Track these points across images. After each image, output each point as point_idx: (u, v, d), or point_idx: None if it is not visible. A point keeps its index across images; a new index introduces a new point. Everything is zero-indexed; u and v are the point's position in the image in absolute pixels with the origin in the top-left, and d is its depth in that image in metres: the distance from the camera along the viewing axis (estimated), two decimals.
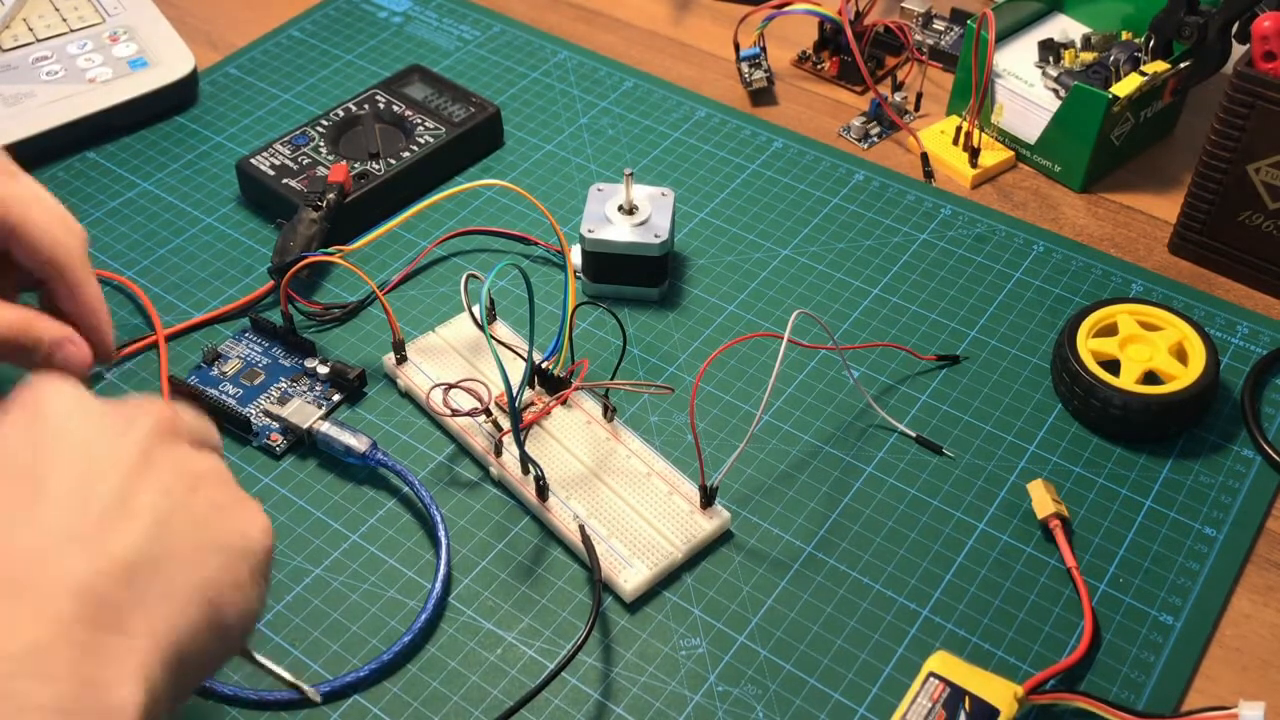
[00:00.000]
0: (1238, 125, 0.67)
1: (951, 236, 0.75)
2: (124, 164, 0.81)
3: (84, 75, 0.83)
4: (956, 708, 0.50)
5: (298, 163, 0.76)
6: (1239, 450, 0.63)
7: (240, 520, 0.42)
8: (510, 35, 0.92)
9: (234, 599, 0.40)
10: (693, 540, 0.58)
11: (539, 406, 0.63)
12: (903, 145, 0.82)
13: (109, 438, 0.41)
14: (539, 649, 0.55)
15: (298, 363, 0.67)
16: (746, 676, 0.54)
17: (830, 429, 0.64)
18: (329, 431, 0.62)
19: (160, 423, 0.42)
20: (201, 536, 0.40)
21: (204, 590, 0.39)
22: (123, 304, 0.71)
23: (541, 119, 0.84)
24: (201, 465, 0.42)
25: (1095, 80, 0.76)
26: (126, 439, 0.41)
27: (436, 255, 0.74)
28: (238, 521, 0.42)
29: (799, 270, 0.73)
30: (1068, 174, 0.78)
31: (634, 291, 0.71)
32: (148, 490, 0.40)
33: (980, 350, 0.68)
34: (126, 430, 0.41)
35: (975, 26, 0.76)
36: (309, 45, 0.91)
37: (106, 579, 0.37)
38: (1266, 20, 0.65)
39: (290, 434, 0.63)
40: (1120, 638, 0.55)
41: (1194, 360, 0.63)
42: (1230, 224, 0.71)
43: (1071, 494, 0.61)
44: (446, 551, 0.58)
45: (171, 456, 0.41)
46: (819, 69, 0.89)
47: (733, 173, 0.80)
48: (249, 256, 0.74)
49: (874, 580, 0.58)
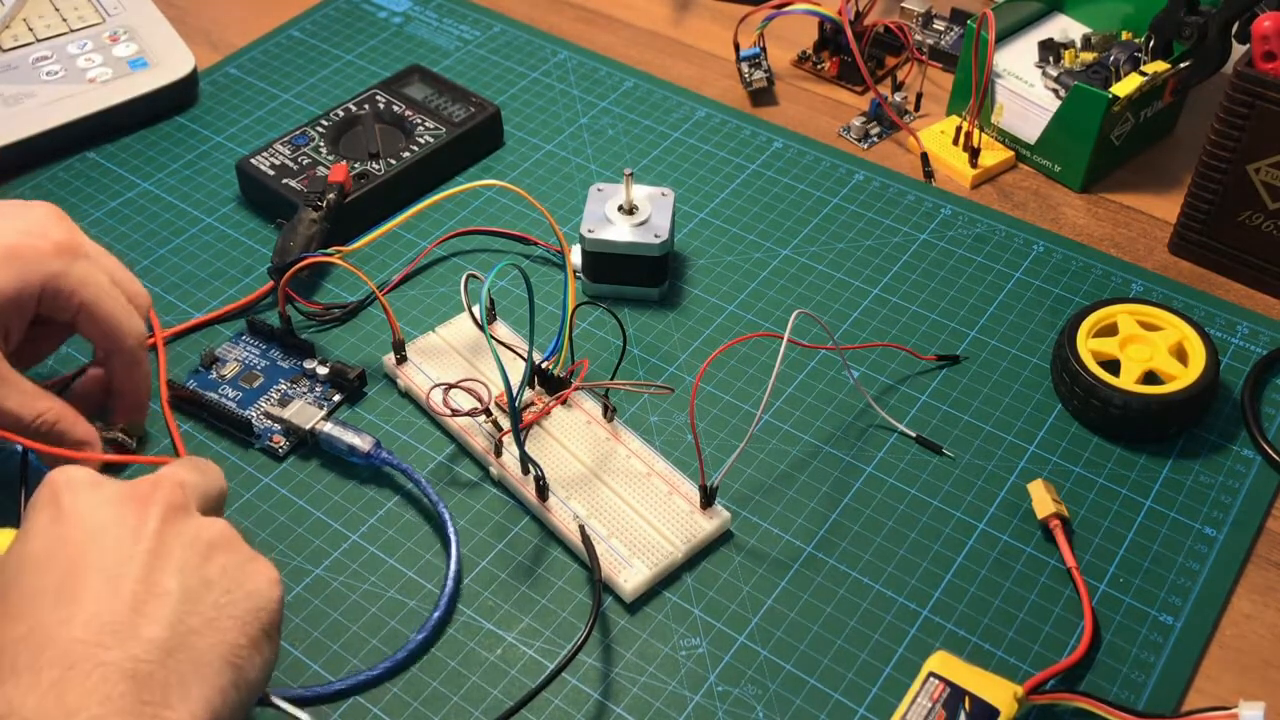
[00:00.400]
0: (1238, 125, 0.67)
1: (951, 236, 0.75)
2: (124, 164, 0.81)
3: (84, 75, 0.83)
4: (956, 708, 0.50)
5: (298, 163, 0.76)
6: (1239, 450, 0.63)
7: (251, 579, 0.46)
8: (510, 35, 0.92)
9: (253, 658, 0.44)
10: (693, 540, 0.58)
11: (539, 406, 0.63)
12: (903, 145, 0.82)
13: (128, 526, 0.44)
14: (539, 649, 0.55)
15: (296, 364, 0.67)
16: (746, 676, 0.54)
17: (830, 429, 0.64)
18: (332, 432, 0.62)
19: (171, 503, 0.46)
20: (219, 603, 0.44)
21: (227, 656, 0.43)
22: None
23: (541, 119, 0.84)
24: (211, 533, 0.46)
25: (1095, 80, 0.76)
26: (144, 526, 0.44)
27: (436, 255, 0.74)
28: (249, 581, 0.45)
29: (799, 270, 0.73)
30: (1068, 174, 0.78)
31: (634, 291, 0.71)
32: (168, 571, 0.43)
33: (980, 350, 0.68)
34: (142, 515, 0.45)
35: (975, 26, 0.76)
36: (309, 45, 0.91)
37: (147, 661, 0.40)
38: (1266, 20, 0.65)
39: (292, 435, 0.63)
40: (1120, 638, 0.55)
41: (1194, 360, 0.63)
42: (1230, 224, 0.71)
43: (1071, 494, 0.61)
44: (456, 549, 0.58)
45: (184, 534, 0.45)
46: (819, 69, 0.89)
47: (733, 173, 0.80)
48: (249, 256, 0.74)
49: (874, 580, 0.58)
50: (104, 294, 0.58)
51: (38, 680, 0.39)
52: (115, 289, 0.59)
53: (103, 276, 0.58)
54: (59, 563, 0.43)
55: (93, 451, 0.58)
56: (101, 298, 0.57)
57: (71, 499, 0.45)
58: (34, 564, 0.43)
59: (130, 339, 0.59)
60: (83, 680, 0.39)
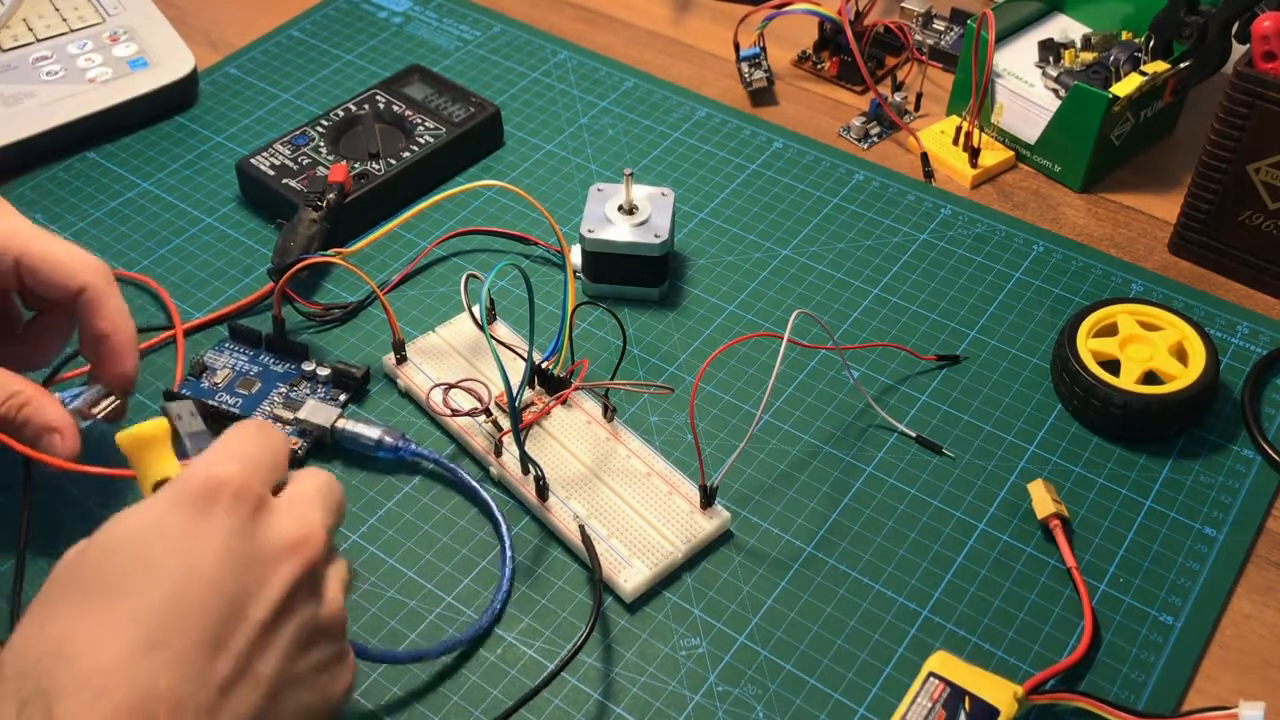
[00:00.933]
0: (1238, 125, 0.67)
1: (951, 236, 0.75)
2: (124, 164, 0.81)
3: (84, 75, 0.83)
4: (956, 708, 0.50)
5: (298, 163, 0.76)
6: (1239, 450, 0.63)
7: (333, 683, 0.43)
8: (510, 35, 0.92)
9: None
10: (693, 540, 0.58)
11: (539, 406, 0.63)
12: (903, 145, 0.82)
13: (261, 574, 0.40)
14: (539, 649, 0.55)
15: (291, 367, 0.66)
16: (746, 676, 0.54)
17: (830, 429, 0.64)
18: (356, 429, 0.61)
19: (311, 562, 0.42)
20: (299, 701, 0.41)
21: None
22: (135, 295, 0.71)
23: (541, 119, 0.84)
24: (323, 616, 0.42)
25: (1095, 80, 0.76)
26: (274, 580, 0.40)
27: (436, 255, 0.74)
28: (331, 684, 0.43)
29: (799, 270, 0.73)
30: (1068, 174, 0.78)
31: (634, 291, 0.71)
32: (271, 656, 0.40)
33: (980, 350, 0.68)
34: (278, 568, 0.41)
35: (975, 26, 0.76)
36: (309, 45, 0.91)
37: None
38: (1266, 20, 0.65)
39: (308, 436, 0.63)
40: (1120, 638, 0.55)
41: (1194, 360, 0.63)
42: (1230, 224, 0.71)
43: (1071, 494, 0.61)
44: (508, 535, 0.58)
45: (305, 611, 0.42)
46: (819, 69, 0.89)
47: (733, 173, 0.80)
48: (249, 256, 0.74)
49: (874, 580, 0.58)
50: (35, 237, 0.54)
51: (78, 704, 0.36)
52: (50, 234, 0.55)
53: (29, 224, 0.55)
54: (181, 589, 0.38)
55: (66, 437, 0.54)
56: (32, 241, 0.54)
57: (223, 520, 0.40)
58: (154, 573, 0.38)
59: (83, 274, 0.55)
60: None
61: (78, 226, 0.76)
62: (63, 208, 0.77)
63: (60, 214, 0.77)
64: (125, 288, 0.71)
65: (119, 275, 0.71)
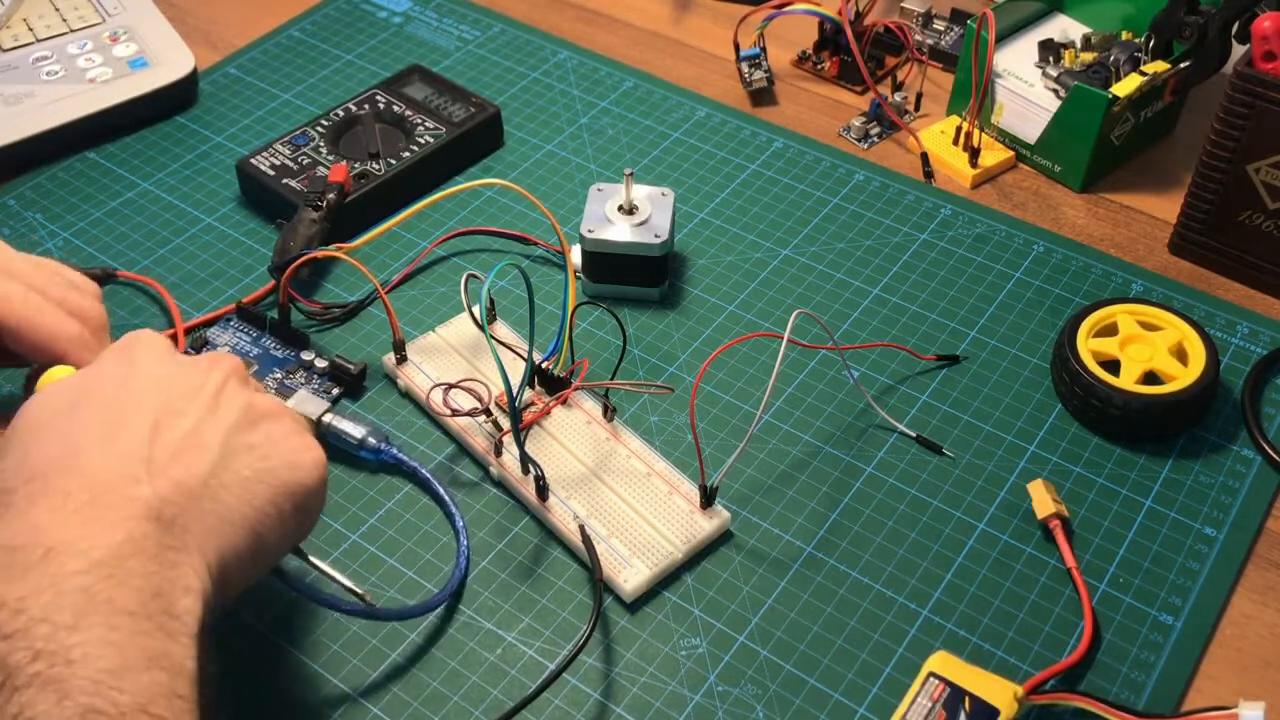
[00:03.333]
0: (1238, 125, 0.67)
1: (951, 236, 0.75)
2: (124, 164, 0.81)
3: (84, 75, 0.83)
4: (956, 708, 0.50)
5: (298, 163, 0.76)
6: (1239, 450, 0.63)
7: (295, 453, 0.47)
8: (510, 35, 0.92)
9: (274, 528, 0.45)
10: (693, 540, 0.58)
11: (539, 406, 0.63)
12: (903, 145, 0.82)
13: (189, 383, 0.47)
14: (539, 649, 0.55)
15: (291, 354, 0.67)
16: (746, 676, 0.54)
17: (830, 429, 0.64)
18: (342, 425, 0.61)
19: (233, 370, 0.48)
20: (257, 467, 0.45)
21: (251, 518, 0.44)
22: (135, 295, 0.71)
23: (541, 119, 0.84)
24: (265, 404, 0.48)
25: (1095, 80, 0.76)
26: (204, 385, 0.47)
27: (436, 255, 0.74)
28: (292, 454, 0.47)
29: (799, 270, 0.73)
30: (1068, 174, 0.78)
31: (634, 291, 0.71)
32: (215, 428, 0.45)
33: (980, 350, 0.68)
34: (204, 376, 0.47)
35: (975, 26, 0.76)
36: (309, 45, 0.91)
37: (174, 503, 0.42)
38: (1266, 20, 0.65)
39: None
40: (1120, 638, 0.55)
41: (1194, 360, 0.63)
42: (1230, 224, 0.71)
43: (1071, 494, 0.61)
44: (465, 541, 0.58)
45: (239, 400, 0.47)
46: (819, 69, 0.89)
47: (733, 173, 0.80)
48: (249, 256, 0.74)
49: (874, 580, 0.58)
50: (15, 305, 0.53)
51: (66, 501, 0.40)
52: (34, 295, 0.54)
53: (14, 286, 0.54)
54: (116, 401, 0.45)
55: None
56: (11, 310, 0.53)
57: (143, 352, 0.47)
58: (91, 397, 0.45)
59: (61, 341, 0.54)
60: (108, 511, 0.40)
61: (78, 226, 0.76)
62: (63, 208, 0.77)
63: (60, 214, 0.77)
64: (125, 288, 0.72)
65: (119, 275, 0.71)
